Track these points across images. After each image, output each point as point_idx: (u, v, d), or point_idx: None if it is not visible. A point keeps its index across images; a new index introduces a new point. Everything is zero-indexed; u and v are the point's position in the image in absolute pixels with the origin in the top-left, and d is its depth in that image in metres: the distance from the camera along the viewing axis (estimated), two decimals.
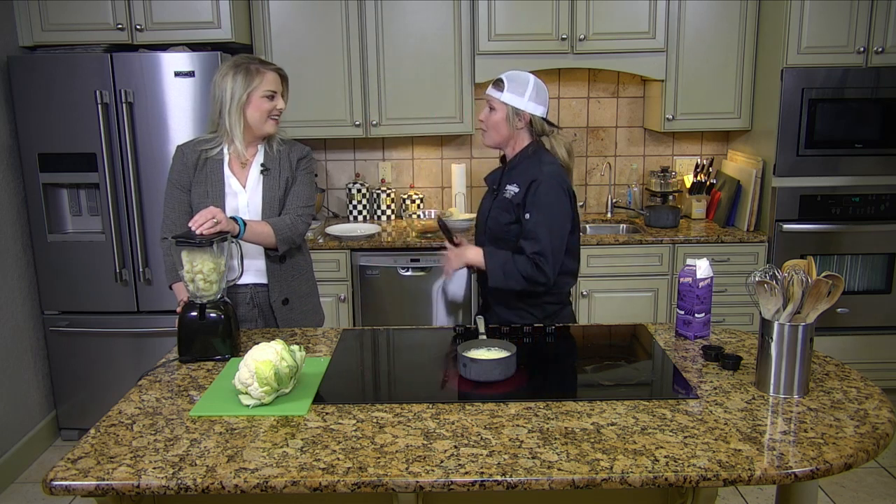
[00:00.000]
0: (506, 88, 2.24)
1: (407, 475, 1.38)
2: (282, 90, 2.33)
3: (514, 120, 2.26)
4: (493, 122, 2.28)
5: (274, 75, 2.30)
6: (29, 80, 3.19)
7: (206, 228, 1.99)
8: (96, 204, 3.38)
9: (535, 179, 2.21)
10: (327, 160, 4.12)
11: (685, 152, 4.12)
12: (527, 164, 2.27)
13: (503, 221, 2.28)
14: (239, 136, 2.28)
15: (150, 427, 1.60)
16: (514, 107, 2.24)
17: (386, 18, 3.61)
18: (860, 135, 3.45)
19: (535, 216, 2.19)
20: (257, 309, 2.40)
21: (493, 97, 2.27)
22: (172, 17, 3.32)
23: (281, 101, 2.32)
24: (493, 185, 2.41)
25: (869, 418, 1.58)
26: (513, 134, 2.29)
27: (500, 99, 2.25)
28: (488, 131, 2.31)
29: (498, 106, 2.26)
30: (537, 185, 2.20)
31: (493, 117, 2.27)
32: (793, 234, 3.53)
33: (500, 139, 2.31)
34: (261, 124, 2.29)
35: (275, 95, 2.29)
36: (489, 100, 2.29)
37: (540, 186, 2.19)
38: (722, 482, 1.37)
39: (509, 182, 2.30)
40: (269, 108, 2.28)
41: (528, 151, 2.29)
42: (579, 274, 3.54)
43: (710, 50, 3.64)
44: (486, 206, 2.41)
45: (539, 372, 1.93)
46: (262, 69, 2.27)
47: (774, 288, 1.67)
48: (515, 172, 2.30)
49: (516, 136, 2.30)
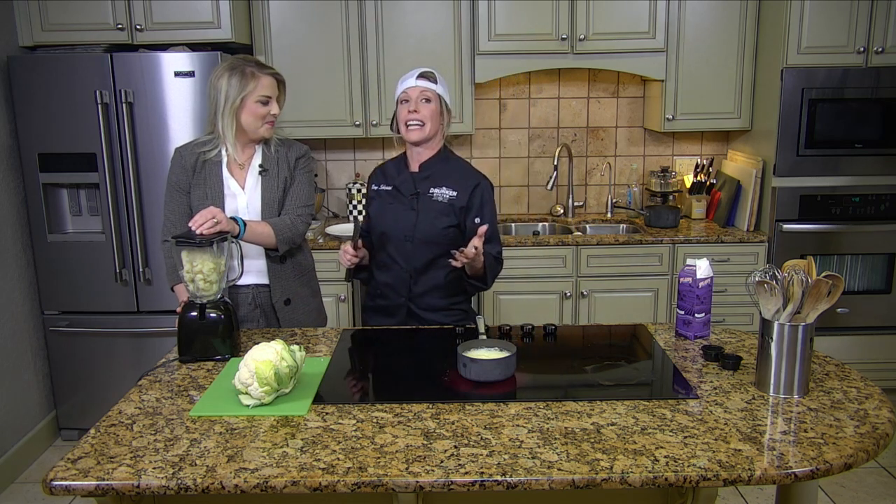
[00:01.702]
0: (438, 81, 2.21)
1: (407, 475, 1.38)
2: (277, 94, 2.30)
3: (445, 115, 2.25)
4: (430, 113, 2.21)
5: (270, 80, 2.26)
6: (29, 80, 3.19)
7: (206, 228, 1.99)
8: (96, 204, 3.38)
9: (478, 184, 2.28)
10: (327, 160, 4.12)
11: (685, 152, 4.12)
12: (454, 168, 2.30)
13: (440, 226, 2.27)
14: (231, 138, 2.26)
15: (150, 427, 1.60)
16: (446, 101, 2.23)
17: (386, 18, 3.61)
18: (860, 135, 3.45)
19: (488, 218, 2.27)
20: (259, 310, 2.40)
21: (429, 88, 2.20)
22: (172, 17, 3.32)
23: (275, 107, 2.29)
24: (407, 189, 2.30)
25: (869, 418, 1.58)
26: (438, 129, 2.26)
27: (436, 91, 2.21)
28: (427, 123, 2.21)
29: (433, 97, 2.21)
30: (482, 189, 2.28)
31: (431, 108, 2.21)
32: (793, 234, 3.53)
33: (433, 133, 2.25)
34: (255, 129, 2.27)
35: (269, 101, 2.26)
36: (425, 91, 2.20)
37: (485, 192, 2.29)
38: (722, 482, 1.37)
39: (436, 186, 2.27)
40: (262, 114, 2.26)
41: (445, 154, 2.31)
42: (578, 274, 3.57)
43: (710, 50, 3.64)
44: (402, 211, 2.29)
45: (539, 372, 1.93)
46: (257, 73, 2.23)
47: (774, 288, 1.67)
48: (441, 175, 2.28)
49: (439, 133, 2.27)
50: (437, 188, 2.27)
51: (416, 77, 2.22)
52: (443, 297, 2.34)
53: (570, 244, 3.53)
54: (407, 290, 2.33)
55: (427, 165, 2.30)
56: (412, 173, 2.32)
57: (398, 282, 2.33)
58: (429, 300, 2.33)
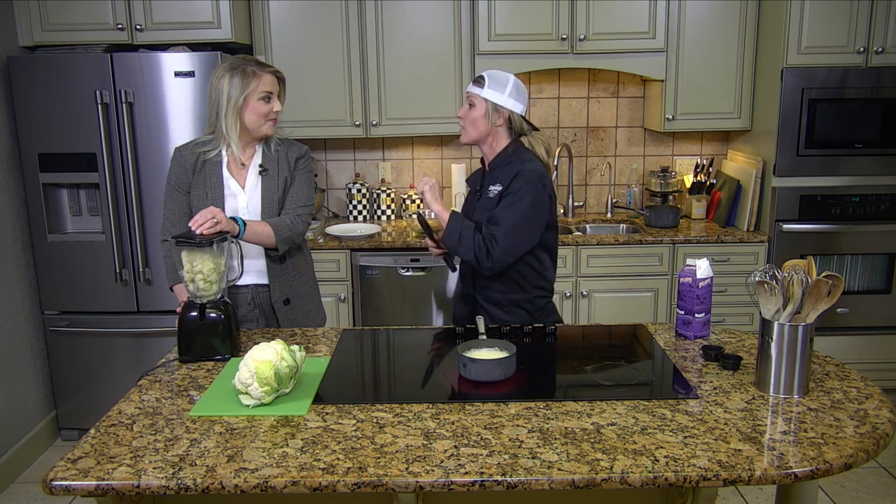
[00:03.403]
0: (486, 85, 2.27)
1: (407, 475, 1.38)
2: (278, 91, 2.32)
3: (493, 116, 2.28)
4: (472, 118, 2.29)
5: (271, 77, 2.28)
6: (29, 80, 3.19)
7: (205, 228, 1.99)
8: (96, 204, 3.38)
9: (515, 175, 2.24)
10: (327, 160, 4.12)
11: (685, 152, 4.12)
12: (509, 163, 2.30)
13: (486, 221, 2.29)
14: (235, 138, 2.27)
15: (150, 427, 1.60)
16: (494, 103, 2.26)
17: (386, 18, 3.61)
18: (860, 135, 3.45)
19: (505, 205, 2.22)
20: (258, 309, 2.40)
21: (473, 93, 2.29)
22: (172, 17, 3.32)
23: (277, 104, 2.31)
24: (475, 187, 2.43)
25: (869, 418, 1.58)
26: (490, 131, 2.29)
27: (481, 95, 2.27)
28: (466, 128, 2.32)
29: (478, 102, 2.28)
30: (515, 179, 2.24)
31: (473, 113, 2.29)
32: (793, 234, 3.53)
33: (478, 135, 2.31)
34: (258, 127, 2.29)
35: (271, 97, 2.28)
36: (469, 97, 2.30)
37: (517, 181, 2.23)
38: (722, 482, 1.37)
39: (492, 182, 2.31)
40: (265, 111, 2.27)
41: (509, 150, 2.31)
42: (578, 274, 3.57)
43: (710, 50, 3.64)
44: (469, 208, 2.43)
45: (539, 372, 1.93)
46: (258, 71, 2.25)
47: (774, 288, 1.67)
48: (498, 172, 2.31)
49: (495, 133, 2.31)
50: (493, 184, 2.31)
51: (472, 82, 2.32)
52: (501, 292, 2.35)
53: (571, 244, 3.53)
54: (471, 281, 2.40)
55: (493, 164, 2.35)
56: (483, 171, 2.42)
57: (466, 272, 2.42)
58: (488, 293, 2.37)
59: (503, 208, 2.23)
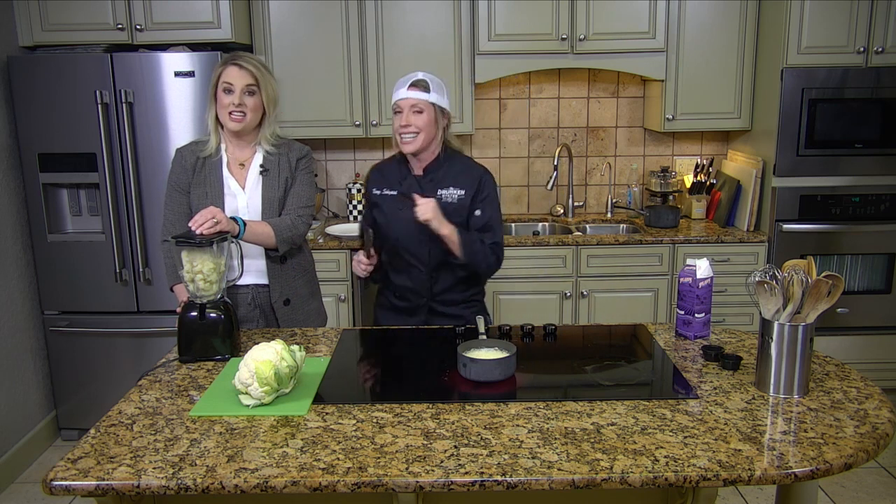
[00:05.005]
0: (432, 89, 2.24)
1: (407, 475, 1.38)
2: (248, 87, 2.22)
3: (440, 120, 2.27)
4: (423, 123, 2.23)
5: (233, 68, 2.22)
6: (29, 80, 3.19)
7: (205, 228, 1.99)
8: (96, 204, 3.38)
9: (481, 178, 2.32)
10: (327, 160, 4.12)
11: (685, 152, 4.12)
12: (458, 166, 2.31)
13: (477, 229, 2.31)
14: (212, 128, 2.29)
15: (150, 427, 1.60)
16: (441, 106, 2.26)
17: (386, 18, 3.61)
18: (860, 135, 3.45)
19: (489, 211, 2.32)
20: (259, 310, 2.40)
21: (420, 99, 2.22)
22: (172, 17, 3.32)
23: (238, 97, 2.22)
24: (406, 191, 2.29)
25: (869, 418, 1.58)
26: (436, 135, 2.29)
27: (428, 100, 2.23)
28: (420, 134, 2.23)
29: (425, 107, 2.23)
30: (484, 182, 2.32)
31: (423, 119, 2.23)
32: (793, 234, 3.53)
33: (429, 141, 2.27)
34: (225, 121, 2.26)
35: (232, 88, 2.22)
36: (416, 103, 2.22)
37: (487, 184, 2.33)
38: (722, 482, 1.37)
39: (442, 187, 2.29)
40: (226, 103, 2.23)
41: (448, 153, 2.33)
42: (578, 274, 3.57)
43: (710, 50, 3.64)
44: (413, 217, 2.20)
45: (539, 372, 1.93)
46: (225, 63, 2.24)
47: (774, 288, 1.67)
48: (446, 176, 2.30)
49: (437, 138, 2.30)
50: (444, 189, 2.29)
51: (407, 87, 2.22)
52: (462, 291, 2.38)
53: (570, 244, 3.53)
54: (428, 290, 2.36)
55: (431, 168, 2.31)
56: (417, 177, 2.33)
57: (418, 284, 2.35)
58: (449, 296, 2.37)
59: (490, 213, 2.30)
